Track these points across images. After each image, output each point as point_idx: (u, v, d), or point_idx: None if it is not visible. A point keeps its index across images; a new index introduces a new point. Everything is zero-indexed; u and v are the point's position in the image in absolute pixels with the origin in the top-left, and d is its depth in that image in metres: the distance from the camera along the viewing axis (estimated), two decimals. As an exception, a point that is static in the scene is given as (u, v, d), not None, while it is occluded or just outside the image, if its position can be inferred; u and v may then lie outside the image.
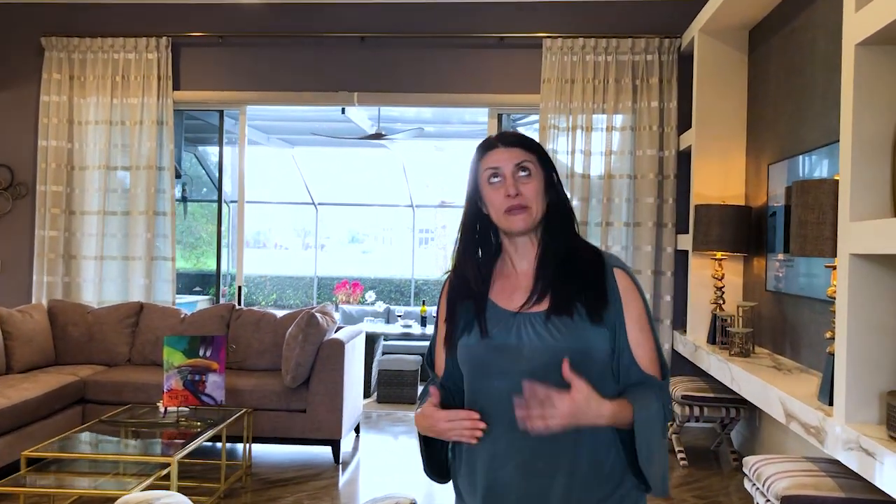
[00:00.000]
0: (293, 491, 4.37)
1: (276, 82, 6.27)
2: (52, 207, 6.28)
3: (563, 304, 1.62)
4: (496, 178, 1.65)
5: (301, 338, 4.74)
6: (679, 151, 5.84)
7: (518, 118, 8.37)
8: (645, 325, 1.65)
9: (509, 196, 1.63)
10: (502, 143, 1.68)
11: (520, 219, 1.63)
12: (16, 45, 6.41)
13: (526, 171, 1.64)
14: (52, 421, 4.54)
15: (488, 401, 1.61)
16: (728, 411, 4.85)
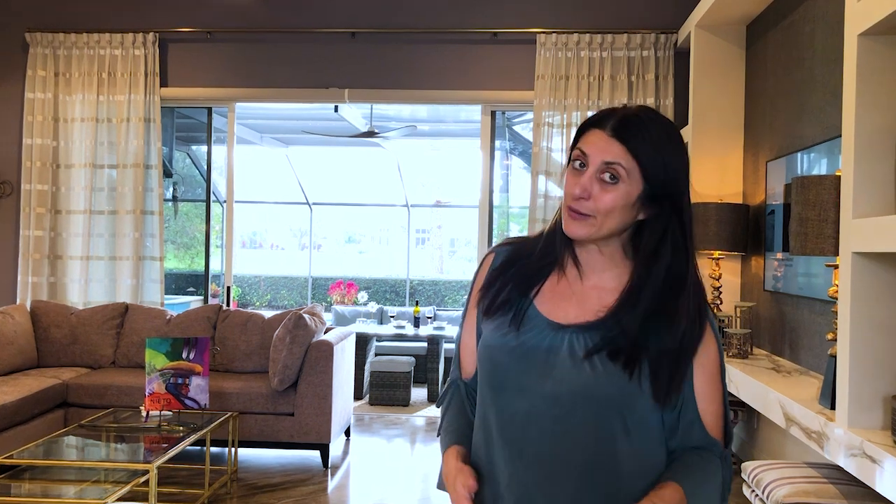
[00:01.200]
0: (280, 497, 4.25)
1: (265, 79, 6.15)
2: (38, 207, 6.16)
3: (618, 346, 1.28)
4: (580, 164, 1.30)
5: (288, 339, 4.63)
6: (675, 149, 5.73)
7: (513, 116, 8.28)
8: (717, 380, 1.35)
9: (575, 193, 1.29)
10: (609, 129, 1.30)
11: (576, 225, 1.30)
12: (4, 42, 6.29)
13: (613, 177, 1.28)
14: (32, 426, 4.41)
15: (500, 421, 1.34)
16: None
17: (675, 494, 1.26)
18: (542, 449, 1.31)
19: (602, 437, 1.29)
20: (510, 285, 1.38)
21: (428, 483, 4.69)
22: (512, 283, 1.38)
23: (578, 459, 1.29)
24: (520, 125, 9.13)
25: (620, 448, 1.29)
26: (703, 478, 1.31)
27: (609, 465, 1.29)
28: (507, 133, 10.10)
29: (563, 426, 1.29)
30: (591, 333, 1.31)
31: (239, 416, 4.59)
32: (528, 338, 1.32)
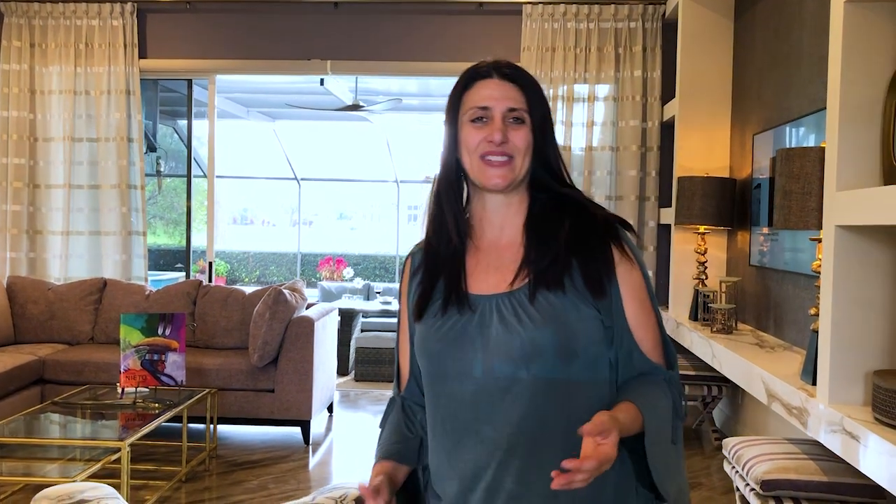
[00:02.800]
0: (259, 474, 4.21)
1: (246, 50, 6.03)
2: (15, 181, 6.05)
3: (553, 273, 1.28)
4: (481, 119, 1.33)
5: (268, 315, 4.56)
6: (662, 122, 5.66)
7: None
8: (646, 305, 1.34)
9: (491, 140, 1.31)
10: (497, 74, 1.35)
11: (499, 172, 1.31)
12: (-24, 12, 6.14)
13: (518, 120, 1.33)
14: (7, 402, 4.35)
15: (449, 410, 1.31)
16: (710, 390, 4.71)
17: (630, 410, 1.24)
18: (498, 425, 1.27)
19: (553, 393, 1.26)
20: (433, 281, 1.37)
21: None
22: (434, 278, 1.38)
23: (536, 424, 1.26)
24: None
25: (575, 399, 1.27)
26: (654, 397, 1.30)
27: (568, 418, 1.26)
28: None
29: (512, 395, 1.26)
30: (516, 292, 1.30)
31: (219, 393, 4.53)
32: (456, 319, 1.31)
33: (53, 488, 1.92)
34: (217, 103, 6.40)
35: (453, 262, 1.37)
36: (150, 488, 3.81)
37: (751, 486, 2.92)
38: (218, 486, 4.01)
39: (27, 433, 3.46)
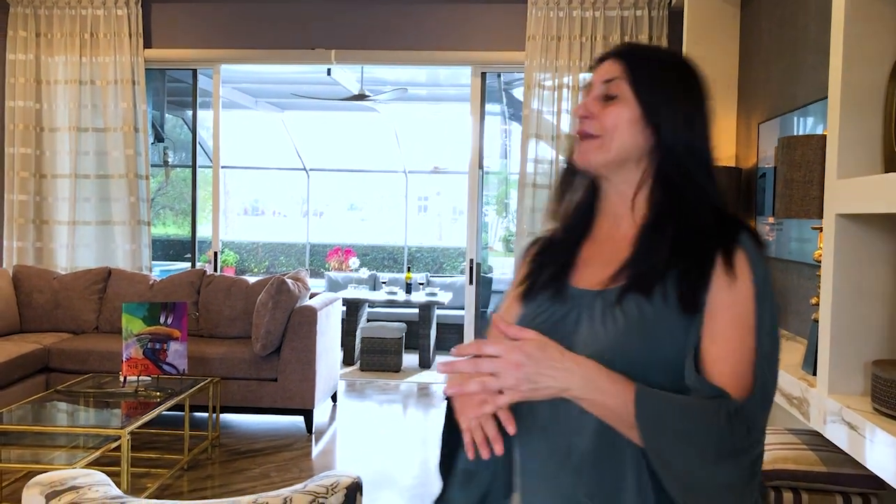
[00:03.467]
0: (261, 462, 4.22)
1: (250, 39, 6.01)
2: (21, 171, 6.07)
3: (647, 279, 1.15)
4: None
5: (271, 305, 4.56)
6: (669, 111, 5.61)
7: (512, 80, 8.13)
8: (744, 322, 1.13)
9: (578, 113, 1.23)
10: (614, 54, 1.26)
11: (582, 149, 1.22)
12: (-18, 2, 6.16)
13: (609, 97, 1.21)
14: (11, 391, 4.37)
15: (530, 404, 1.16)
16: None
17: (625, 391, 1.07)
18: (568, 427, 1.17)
19: None
20: (542, 268, 1.28)
21: (417, 447, 4.66)
22: (543, 266, 1.29)
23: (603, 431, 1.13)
24: (518, 89, 8.98)
25: None
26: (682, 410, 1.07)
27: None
28: (504, 97, 9.95)
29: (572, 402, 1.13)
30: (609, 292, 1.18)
31: (222, 382, 4.54)
32: (552, 311, 1.21)
33: (47, 475, 1.92)
34: (225, 93, 6.40)
35: (564, 252, 1.28)
36: (151, 476, 3.83)
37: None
38: (220, 475, 4.03)
39: (31, 421, 3.48)
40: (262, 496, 1.87)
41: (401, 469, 4.28)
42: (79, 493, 1.84)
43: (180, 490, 3.79)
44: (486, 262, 9.90)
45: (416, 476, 4.19)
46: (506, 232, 13.50)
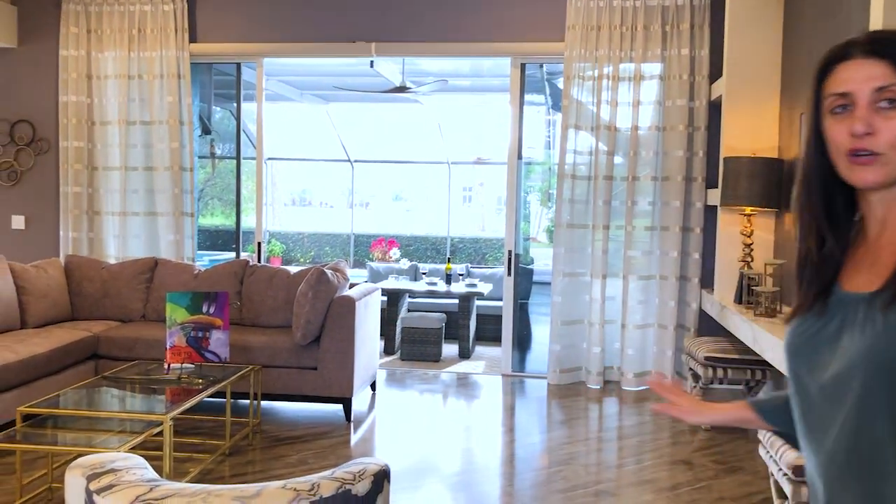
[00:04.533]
0: (300, 449, 4.31)
1: (292, 33, 6.11)
2: (75, 163, 6.28)
3: None
4: (842, 107, 1.12)
5: (311, 295, 4.65)
6: (710, 102, 5.54)
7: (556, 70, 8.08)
8: None
9: (855, 134, 1.10)
10: (860, 52, 1.12)
11: (868, 171, 1.10)
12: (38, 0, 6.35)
13: (891, 101, 1.09)
14: (63, 376, 4.54)
15: (800, 409, 1.18)
16: (753, 373, 4.64)
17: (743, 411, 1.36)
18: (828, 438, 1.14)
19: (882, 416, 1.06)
20: (814, 283, 1.22)
21: (458, 437, 4.70)
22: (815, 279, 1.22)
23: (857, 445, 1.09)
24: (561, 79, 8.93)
25: None
26: None
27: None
28: (547, 87, 9.90)
29: (846, 408, 1.10)
30: (875, 298, 1.10)
31: (263, 370, 4.65)
32: (817, 318, 1.18)
33: (88, 457, 2.01)
34: (271, 86, 6.51)
35: (828, 262, 1.21)
36: (194, 461, 3.94)
37: (783, 471, 2.88)
38: (260, 460, 4.13)
39: (79, 406, 3.61)
40: (290, 482, 1.93)
41: (441, 458, 4.34)
42: (117, 476, 1.92)
43: (221, 475, 3.90)
44: (528, 254, 9.88)
45: (455, 465, 4.24)
46: (549, 223, 13.44)
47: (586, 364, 5.89)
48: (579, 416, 5.23)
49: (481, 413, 5.34)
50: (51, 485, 3.58)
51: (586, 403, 5.50)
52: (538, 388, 5.87)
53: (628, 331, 5.81)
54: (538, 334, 7.63)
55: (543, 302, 8.50)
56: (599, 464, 4.31)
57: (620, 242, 5.82)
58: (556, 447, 4.52)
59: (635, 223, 5.78)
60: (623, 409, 5.37)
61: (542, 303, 8.50)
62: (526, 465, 4.28)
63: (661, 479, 3.99)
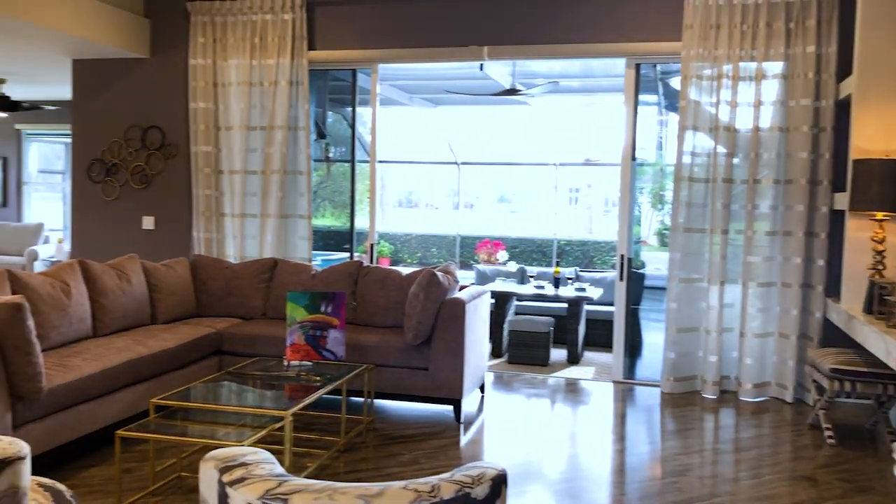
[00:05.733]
0: (412, 448, 4.38)
1: (406, 39, 6.22)
2: (204, 167, 6.60)
3: None
4: None
5: (422, 296, 4.72)
6: (837, 101, 5.27)
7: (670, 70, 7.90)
8: None
9: None
10: None
11: None
12: (168, 12, 6.72)
13: None
14: (189, 370, 4.79)
15: None
16: (885, 388, 4.38)
17: None
18: None
19: None
20: None
21: (564, 442, 4.67)
22: None
23: None
24: (675, 78, 8.71)
25: None
26: None
27: None
28: (660, 87, 9.67)
29: None
30: None
31: (375, 369, 4.75)
32: None
33: (220, 451, 2.10)
34: (381, 91, 6.64)
35: None
36: (311, 456, 4.07)
37: (922, 495, 2.71)
38: (373, 458, 4.22)
39: (207, 399, 3.80)
40: (412, 482, 1.97)
41: (549, 464, 4.31)
42: (247, 470, 2.01)
43: (337, 470, 4.01)
44: (639, 257, 9.68)
45: (563, 471, 4.20)
46: (660, 226, 13.13)
47: (702, 373, 5.72)
48: (694, 426, 5.08)
49: (591, 420, 5.28)
50: (180, 473, 3.78)
51: (701, 413, 5.34)
52: (650, 397, 5.74)
53: (747, 339, 5.60)
54: (649, 341, 7.46)
55: (654, 307, 8.31)
56: (715, 476, 4.17)
57: (740, 247, 5.63)
58: (670, 457, 4.41)
59: (756, 227, 5.57)
60: (740, 421, 5.18)
61: (652, 308, 8.31)
62: (637, 474, 4.20)
63: (782, 495, 3.83)
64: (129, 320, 4.94)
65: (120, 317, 4.84)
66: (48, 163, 12.63)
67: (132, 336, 4.67)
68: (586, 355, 7.31)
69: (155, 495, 3.60)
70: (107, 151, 6.92)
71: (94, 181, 6.97)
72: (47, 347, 4.17)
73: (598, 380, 6.32)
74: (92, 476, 3.83)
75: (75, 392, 3.82)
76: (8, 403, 3.44)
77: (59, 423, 3.75)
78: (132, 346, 4.41)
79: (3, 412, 3.41)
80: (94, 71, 6.94)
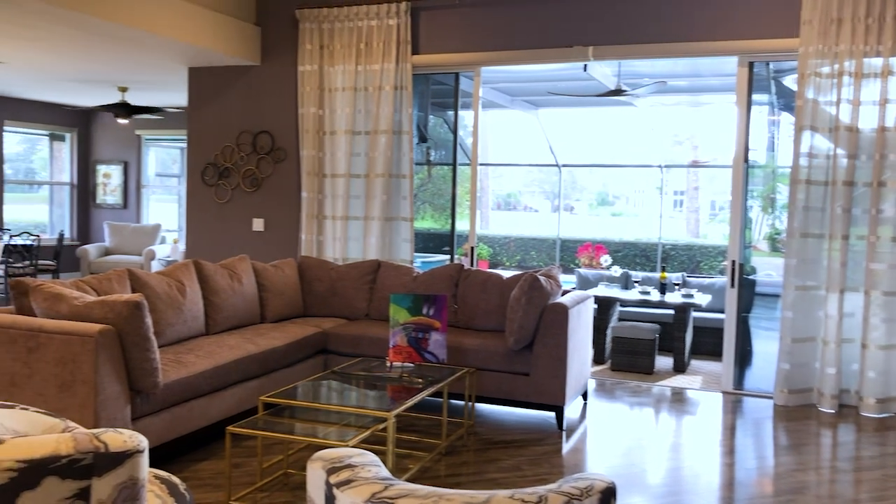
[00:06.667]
0: (513, 454, 4.34)
1: (509, 41, 6.18)
2: (310, 171, 6.76)
3: None
4: None
5: (524, 301, 4.67)
6: (976, 97, 4.90)
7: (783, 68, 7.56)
8: None
9: None
10: None
11: None
12: (278, 20, 6.93)
13: None
14: (297, 368, 4.90)
15: None
16: None
17: None
18: None
19: None
20: None
21: (668, 454, 4.52)
22: None
23: None
24: (790, 76, 8.34)
25: None
26: None
27: None
28: (773, 86, 9.28)
29: None
30: None
31: (476, 372, 4.73)
32: None
33: (327, 451, 2.12)
34: (482, 94, 6.63)
35: None
36: (413, 458, 4.09)
37: None
38: (474, 462, 4.20)
39: (311, 398, 3.88)
40: (518, 492, 1.92)
41: (654, 476, 4.18)
42: (354, 472, 2.02)
43: (438, 474, 4.01)
44: (749, 262, 9.30)
45: (668, 484, 4.07)
46: (771, 230, 12.60)
47: (819, 385, 5.43)
48: (810, 441, 4.82)
49: (698, 431, 5.09)
50: (286, 470, 3.87)
51: (818, 428, 5.07)
52: (762, 409, 5.49)
53: (869, 351, 5.28)
54: (760, 350, 7.15)
55: (765, 315, 7.95)
56: (833, 496, 3.94)
57: (861, 254, 5.31)
58: (784, 474, 4.20)
59: (880, 233, 5.24)
60: (862, 438, 4.89)
61: (763, 316, 7.96)
62: (748, 490, 4.02)
63: (911, 520, 3.58)
64: (240, 319, 5.10)
65: (231, 315, 5.01)
66: (164, 167, 13.27)
67: (242, 334, 4.82)
68: (693, 364, 7.07)
69: (262, 491, 3.69)
70: (219, 156, 7.19)
71: (208, 184, 7.25)
72: (163, 344, 4.35)
73: (706, 389, 6.09)
74: (203, 469, 3.97)
75: (189, 388, 3.97)
76: (127, 397, 3.61)
77: (174, 417, 3.90)
78: (242, 345, 4.55)
79: (123, 405, 3.58)
80: (208, 78, 7.22)
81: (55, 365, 3.48)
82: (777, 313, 5.59)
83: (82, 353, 3.43)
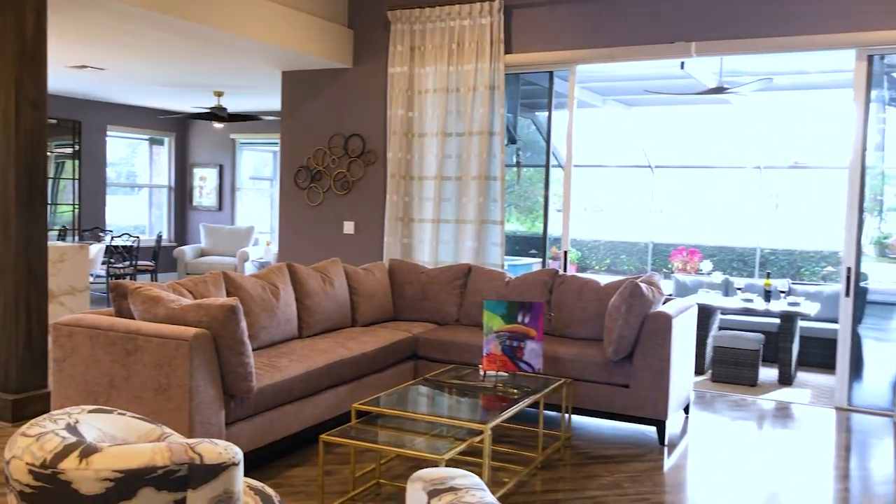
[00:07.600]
0: (613, 470, 4.13)
1: (606, 38, 5.95)
2: (397, 173, 6.70)
3: None
4: None
5: (624, 309, 4.45)
6: None
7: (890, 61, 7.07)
8: None
9: None
10: None
11: None
12: (370, 22, 6.90)
13: None
14: (387, 373, 4.82)
15: None
16: None
17: None
18: None
19: None
20: None
21: (771, 474, 4.22)
22: None
23: None
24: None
25: None
26: None
27: None
28: (884, 81, 8.72)
29: None
30: None
31: (572, 383, 4.55)
32: None
33: (427, 471, 2.00)
34: (575, 93, 6.42)
35: None
36: (508, 471, 3.94)
37: None
38: (571, 478, 4.02)
39: (405, 407, 3.76)
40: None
41: (760, 499, 3.90)
42: (457, 496, 1.88)
43: (534, 489, 3.85)
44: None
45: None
46: (879, 234, 11.86)
47: (946, 404, 5.00)
48: (938, 466, 4.43)
49: (808, 451, 4.75)
50: (378, 479, 3.78)
51: (946, 451, 4.67)
52: (879, 428, 5.10)
53: None
54: (873, 363, 6.69)
55: (877, 325, 7.45)
56: (971, 529, 3.58)
57: None
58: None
59: None
60: None
61: (875, 326, 7.45)
62: (873, 518, 3.70)
63: None
64: (332, 322, 5.06)
65: (323, 319, 4.97)
66: (257, 170, 13.53)
67: (334, 338, 4.77)
68: (799, 376, 6.67)
69: (355, 501, 3.61)
70: (311, 159, 7.21)
71: (300, 187, 7.28)
72: (257, 347, 4.34)
73: (816, 404, 5.72)
74: (295, 476, 3.92)
75: (282, 392, 3.93)
76: (221, 401, 3.59)
77: (267, 422, 3.87)
78: (334, 349, 4.49)
79: (217, 410, 3.55)
80: (301, 82, 7.26)
81: (152, 368, 3.49)
82: (891, 323, 5.18)
83: (177, 356, 3.43)
